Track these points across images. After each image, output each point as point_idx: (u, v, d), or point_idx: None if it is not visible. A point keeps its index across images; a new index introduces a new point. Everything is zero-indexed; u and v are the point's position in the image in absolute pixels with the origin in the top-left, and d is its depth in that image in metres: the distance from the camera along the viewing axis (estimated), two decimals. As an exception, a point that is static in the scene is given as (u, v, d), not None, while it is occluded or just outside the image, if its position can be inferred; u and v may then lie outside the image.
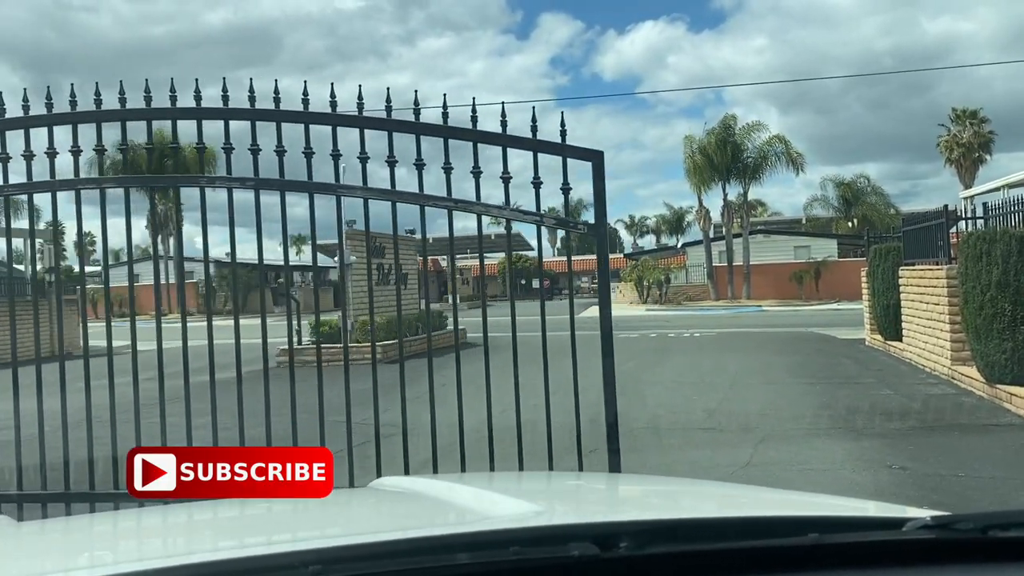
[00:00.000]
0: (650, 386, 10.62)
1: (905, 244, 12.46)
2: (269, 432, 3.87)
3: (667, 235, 74.38)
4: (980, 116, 47.36)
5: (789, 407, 8.73)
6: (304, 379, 9.74)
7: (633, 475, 5.21)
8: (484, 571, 1.17)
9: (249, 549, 1.29)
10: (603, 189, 3.77)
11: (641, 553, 1.17)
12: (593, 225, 3.86)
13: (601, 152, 3.78)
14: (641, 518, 1.51)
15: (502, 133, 3.80)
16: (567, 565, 1.16)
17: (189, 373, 3.90)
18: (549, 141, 3.79)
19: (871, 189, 53.17)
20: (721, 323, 24.84)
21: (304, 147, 3.79)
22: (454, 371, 4.18)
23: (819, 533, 1.23)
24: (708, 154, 37.80)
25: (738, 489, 2.95)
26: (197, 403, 3.94)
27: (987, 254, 8.19)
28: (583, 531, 1.28)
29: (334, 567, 1.09)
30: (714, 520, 1.57)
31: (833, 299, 36.36)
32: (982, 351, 8.32)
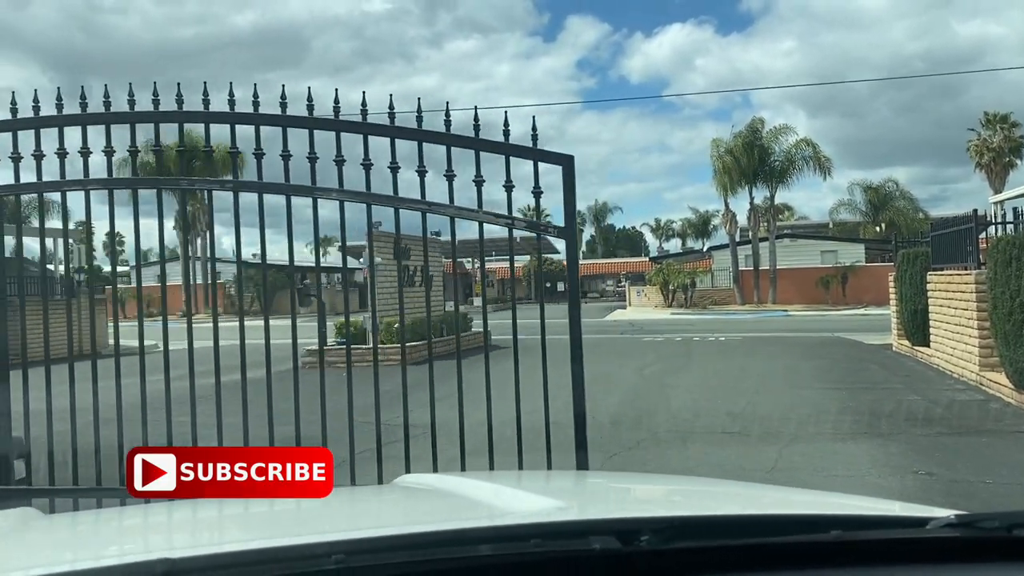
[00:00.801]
0: (674, 389, 10.60)
1: (933, 249, 12.32)
2: (298, 431, 3.92)
3: (692, 239, 73.99)
4: (1011, 120, 46.66)
5: (815, 412, 8.67)
6: (330, 379, 9.77)
7: (657, 475, 5.32)
8: (505, 563, 1.17)
9: (277, 540, 1.31)
10: (573, 193, 3.79)
11: (663, 548, 1.17)
12: (563, 228, 3.90)
13: (571, 156, 3.80)
14: (663, 514, 1.52)
15: (475, 137, 3.84)
16: (589, 559, 1.16)
17: (220, 373, 3.96)
18: (520, 145, 3.82)
19: (899, 194, 52.56)
20: (747, 327, 24.69)
21: (336, 154, 3.86)
22: (480, 373, 4.20)
23: (842, 530, 1.22)
24: (735, 157, 37.56)
25: (760, 489, 2.96)
26: (227, 403, 4.01)
27: (1017, 259, 8.09)
28: (604, 526, 1.27)
29: (358, 557, 1.11)
30: (736, 517, 1.57)
31: (860, 304, 35.96)
32: (1011, 357, 8.21)
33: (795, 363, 13.46)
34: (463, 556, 1.17)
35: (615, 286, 59.75)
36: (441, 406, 4.74)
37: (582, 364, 3.88)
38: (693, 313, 35.44)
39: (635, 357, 15.35)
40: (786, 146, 38.43)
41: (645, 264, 56.06)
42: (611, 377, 12.19)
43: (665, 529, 1.20)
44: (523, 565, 1.16)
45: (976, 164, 46.86)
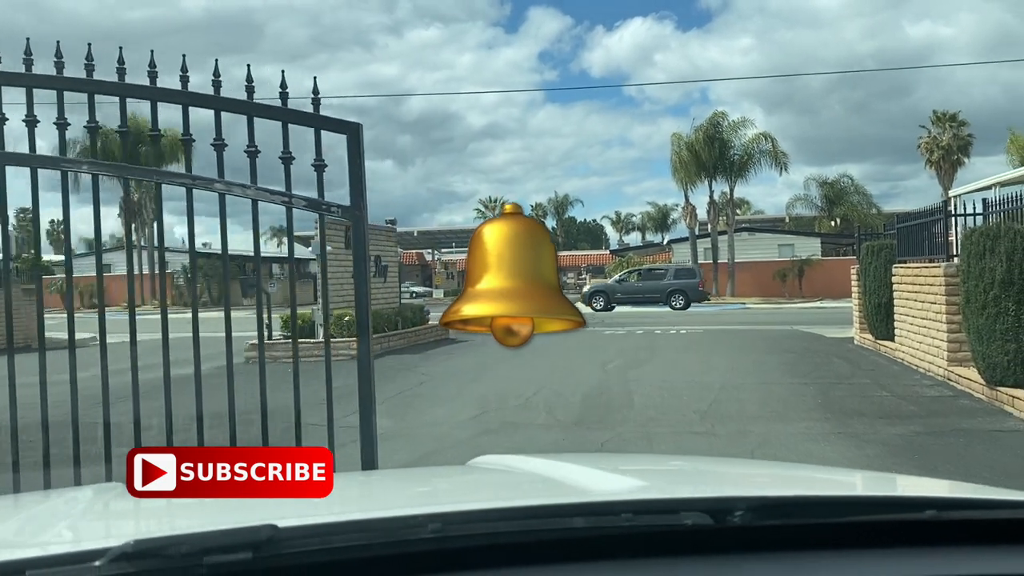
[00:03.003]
0: (639, 385, 10.24)
1: (899, 241, 12.14)
2: (233, 432, 3.41)
3: (652, 232, 74.32)
4: (959, 119, 47.54)
5: (784, 410, 8.37)
6: (277, 375, 9.19)
7: (733, 459, 5.19)
8: (595, 537, 1.17)
9: (376, 512, 1.35)
10: (360, 166, 3.19)
11: (756, 524, 1.16)
12: (348, 208, 3.23)
13: (358, 124, 3.20)
14: (753, 494, 1.44)
15: (247, 100, 3.22)
16: (679, 535, 1.17)
17: (170, 367, 3.42)
18: (300, 111, 3.22)
19: (854, 189, 53.21)
20: (707, 320, 24.55)
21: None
22: (435, 366, 3.70)
23: (937, 510, 1.21)
24: (695, 150, 37.50)
25: (847, 474, 2.97)
26: (153, 401, 3.48)
27: (991, 251, 7.86)
28: (696, 504, 1.24)
29: (454, 527, 1.13)
30: (829, 498, 1.50)
31: (816, 297, 36.24)
32: (983, 352, 7.99)
33: (759, 357, 13.22)
34: (556, 528, 1.18)
35: (576, 278, 59.56)
36: (394, 404, 4.39)
37: (371, 384, 3.38)
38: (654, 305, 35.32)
39: (597, 351, 14.99)
40: (745, 139, 38.48)
41: (606, 257, 56.00)
42: (573, 372, 11.80)
43: (759, 508, 1.20)
44: (611, 540, 1.17)
45: (926, 161, 47.63)
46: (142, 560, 1.00)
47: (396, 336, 16.22)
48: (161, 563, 1.01)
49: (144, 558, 1.00)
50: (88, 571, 1.00)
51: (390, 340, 15.85)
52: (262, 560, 1.03)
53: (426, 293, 46.84)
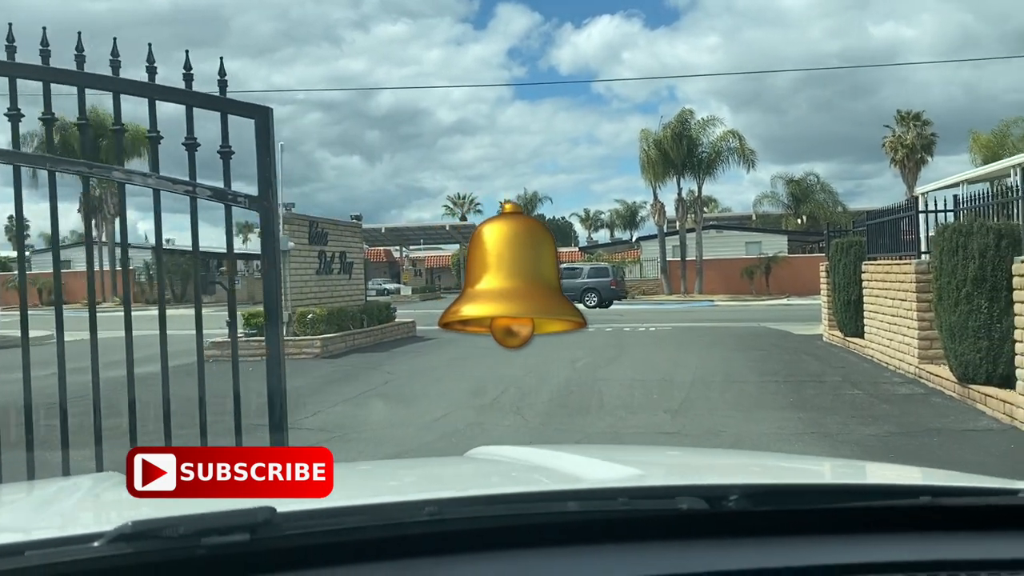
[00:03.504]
0: (608, 384, 10.03)
1: (869, 238, 12.09)
2: (168, 433, 3.12)
3: (621, 229, 74.48)
4: (923, 119, 48.23)
5: (756, 409, 8.21)
6: (225, 374, 8.64)
7: (727, 450, 5.16)
8: (590, 521, 1.18)
9: (375, 497, 1.36)
10: (270, 154, 2.95)
11: (750, 510, 1.18)
12: (256, 198, 2.97)
13: (268, 109, 2.96)
14: (748, 482, 1.46)
15: (149, 82, 2.96)
16: (673, 519, 1.19)
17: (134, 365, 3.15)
18: (205, 94, 2.97)
19: (820, 187, 53.72)
20: (675, 318, 24.50)
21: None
22: (400, 365, 3.45)
23: (932, 497, 1.24)
24: (663, 148, 37.51)
25: (840, 463, 3.01)
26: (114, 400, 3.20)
27: (963, 248, 7.76)
28: (691, 490, 1.25)
29: (450, 510, 1.14)
30: (825, 486, 1.55)
31: (783, 294, 36.47)
32: (956, 350, 7.90)
33: (729, 354, 13.10)
34: (551, 512, 1.19)
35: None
36: (354, 405, 4.10)
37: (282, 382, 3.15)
38: (622, 303, 35.28)
39: (566, 348, 14.76)
40: (714, 137, 38.58)
41: (575, 254, 55.88)
42: (541, 371, 11.57)
43: (754, 494, 1.21)
44: (608, 524, 1.18)
45: (891, 160, 48.23)
46: (140, 541, 1.01)
47: (361, 334, 15.87)
48: (159, 544, 1.01)
49: (142, 539, 1.01)
50: (87, 551, 1.00)
51: (355, 338, 15.50)
52: (260, 542, 1.03)
53: (395, 290, 46.39)
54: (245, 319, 15.36)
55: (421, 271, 57.37)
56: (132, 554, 1.00)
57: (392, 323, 17.92)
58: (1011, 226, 7.60)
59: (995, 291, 7.53)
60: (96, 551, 1.00)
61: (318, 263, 15.97)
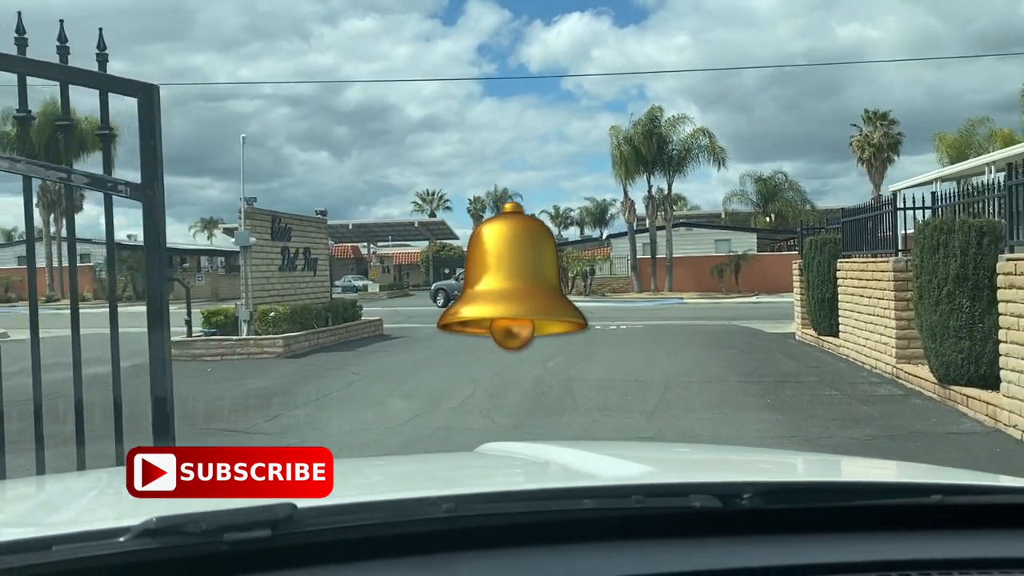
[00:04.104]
0: (581, 385, 9.73)
1: (844, 235, 11.92)
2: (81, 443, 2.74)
3: (590, 227, 74.49)
4: (890, 118, 48.77)
5: (733, 411, 7.96)
6: (190, 375, 8.14)
7: (737, 447, 5.09)
8: (603, 518, 1.19)
9: (390, 493, 1.38)
10: (155, 136, 2.64)
11: (764, 508, 1.18)
12: (138, 186, 2.66)
13: (153, 86, 2.63)
14: (761, 479, 1.47)
15: (20, 56, 2.58)
16: (687, 517, 1.19)
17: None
18: (81, 69, 2.63)
19: (788, 185, 54.09)
20: (646, 316, 24.32)
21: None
22: (366, 365, 3.15)
23: (943, 495, 1.23)
24: (634, 145, 37.35)
25: (850, 461, 2.98)
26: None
27: (944, 245, 7.57)
28: (705, 488, 1.25)
29: (466, 507, 1.15)
30: (838, 484, 1.57)
31: (752, 292, 36.53)
32: (937, 350, 7.71)
33: (702, 353, 12.88)
34: (565, 509, 1.19)
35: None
36: (311, 408, 3.74)
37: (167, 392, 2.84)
38: (592, 300, 35.08)
39: (536, 347, 14.20)
40: (684, 135, 38.46)
41: (543, 251, 55.58)
42: (512, 370, 11.24)
43: (767, 492, 1.21)
44: (622, 522, 1.18)
45: (858, 159, 48.71)
46: (165, 536, 1.03)
47: (326, 333, 15.41)
48: (183, 539, 1.03)
49: (166, 534, 1.03)
50: (113, 546, 1.02)
51: (319, 337, 15.03)
52: (280, 538, 1.05)
53: (363, 287, 45.77)
54: (205, 317, 14.82)
55: (389, 268, 56.73)
56: (156, 550, 1.02)
57: (358, 321, 17.46)
58: (993, 223, 7.42)
59: (977, 290, 7.34)
60: (121, 546, 1.02)
61: (281, 259, 15.46)
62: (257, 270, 14.67)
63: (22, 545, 1.04)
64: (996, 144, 28.15)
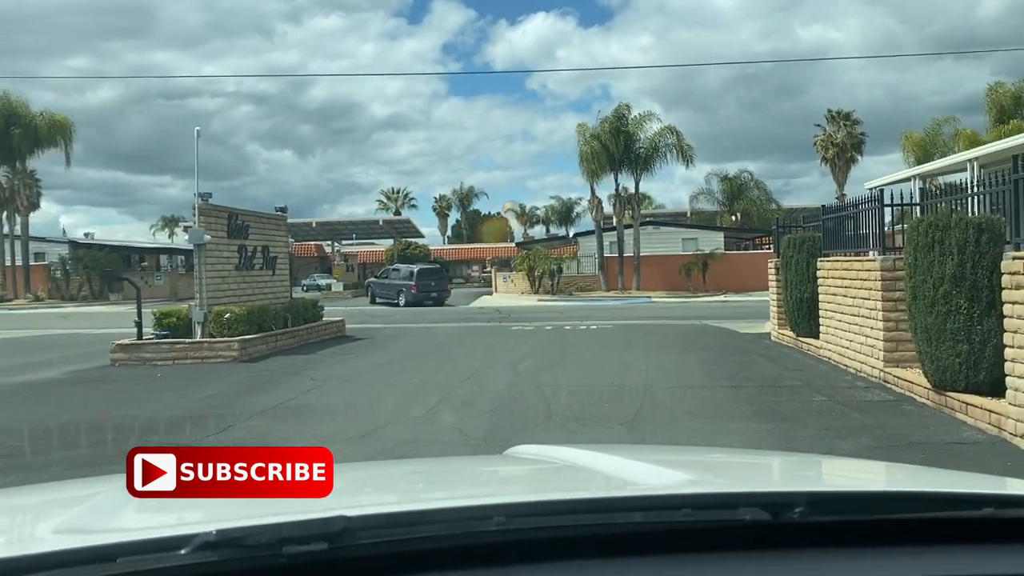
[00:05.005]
0: (555, 391, 9.19)
1: (824, 234, 11.54)
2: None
3: (556, 225, 74.07)
4: (853, 118, 49.13)
5: (718, 419, 7.48)
6: (137, 381, 7.59)
7: (768, 451, 5.03)
8: (649, 531, 1.19)
9: (441, 502, 1.41)
10: None
11: (814, 520, 1.17)
12: None
13: None
14: (811, 490, 1.47)
15: None
16: (734, 530, 1.18)
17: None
18: None
19: (754, 184, 54.31)
20: (615, 315, 23.89)
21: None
22: (327, 369, 2.76)
23: (995, 508, 1.22)
24: (602, 142, 36.93)
25: (890, 468, 2.93)
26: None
27: (940, 243, 7.16)
28: (755, 499, 1.25)
29: (517, 520, 1.15)
30: (889, 494, 1.52)
31: (720, 291, 36.34)
32: (932, 354, 7.29)
33: (678, 356, 12.42)
34: (616, 523, 1.20)
35: (481, 271, 58.43)
36: (266, 419, 3.15)
37: None
38: (560, 299, 34.64)
39: (506, 350, 13.92)
40: (651, 133, 38.12)
41: (511, 249, 55.13)
42: (483, 375, 10.68)
43: (818, 502, 1.20)
44: (667, 534, 1.18)
45: (822, 159, 48.97)
46: (224, 549, 1.03)
47: (285, 335, 14.68)
48: (243, 552, 1.03)
49: (226, 547, 1.03)
50: (174, 559, 1.02)
51: (278, 339, 14.30)
52: (336, 551, 1.05)
53: (326, 286, 44.80)
54: (156, 319, 13.99)
55: (353, 266, 55.71)
56: (215, 562, 1.02)
57: (319, 322, 16.75)
58: (992, 219, 7.02)
59: (976, 290, 6.94)
60: (183, 559, 1.02)
61: (238, 258, 14.69)
62: (212, 269, 13.89)
63: (88, 555, 1.03)
64: (961, 144, 28.23)
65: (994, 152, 12.40)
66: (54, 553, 1.03)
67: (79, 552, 1.03)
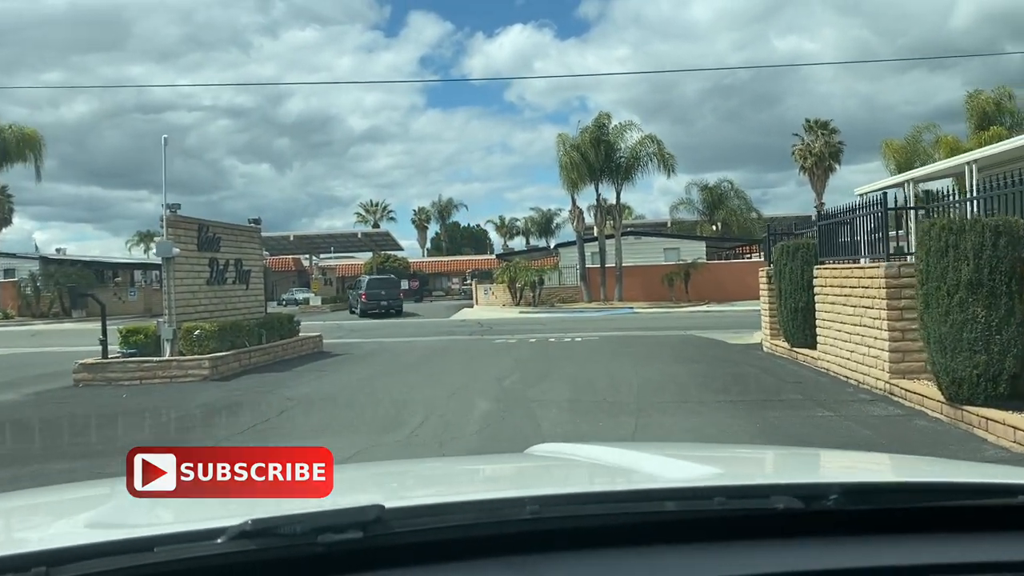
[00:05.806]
0: (543, 408, 8.67)
1: (821, 240, 11.13)
2: None
3: (536, 237, 73.82)
4: (831, 127, 49.35)
5: (720, 438, 6.98)
6: (100, 403, 7.10)
7: (792, 448, 4.95)
8: (682, 520, 1.18)
9: (475, 494, 1.44)
10: None
11: (847, 508, 1.17)
12: None
13: None
14: (846, 480, 1.50)
15: None
16: (766, 519, 1.18)
17: None
18: None
19: (734, 193, 54.21)
20: (599, 326, 23.44)
21: None
22: (303, 387, 2.29)
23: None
24: (582, 152, 36.59)
25: (921, 460, 2.88)
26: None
27: (954, 247, 6.74)
28: (787, 489, 1.24)
29: (550, 509, 1.16)
30: (922, 484, 1.50)
31: (703, 301, 36.05)
32: (947, 365, 6.86)
33: (669, 368, 11.95)
34: (649, 512, 1.20)
35: (461, 284, 57.83)
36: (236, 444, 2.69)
37: None
38: (542, 311, 34.16)
39: (490, 364, 13.38)
40: (631, 142, 37.83)
41: (491, 261, 54.63)
42: (466, 391, 10.13)
43: (851, 492, 1.20)
44: (697, 523, 1.18)
45: (800, 168, 49.09)
46: (261, 538, 1.03)
47: (259, 351, 14.05)
48: (279, 541, 1.04)
49: (263, 536, 1.03)
50: (211, 548, 1.03)
51: (251, 356, 13.67)
52: (371, 539, 1.07)
53: (304, 301, 44.03)
54: (122, 336, 13.31)
55: (331, 280, 54.93)
56: (252, 551, 1.03)
57: (296, 338, 16.12)
58: (1011, 221, 6.62)
59: (994, 297, 6.52)
60: (219, 547, 1.02)
61: (209, 272, 14.06)
62: (182, 284, 13.25)
63: (126, 545, 1.05)
64: (942, 151, 28.16)
65: (997, 154, 12.08)
66: (97, 545, 1.05)
67: (119, 544, 1.05)
